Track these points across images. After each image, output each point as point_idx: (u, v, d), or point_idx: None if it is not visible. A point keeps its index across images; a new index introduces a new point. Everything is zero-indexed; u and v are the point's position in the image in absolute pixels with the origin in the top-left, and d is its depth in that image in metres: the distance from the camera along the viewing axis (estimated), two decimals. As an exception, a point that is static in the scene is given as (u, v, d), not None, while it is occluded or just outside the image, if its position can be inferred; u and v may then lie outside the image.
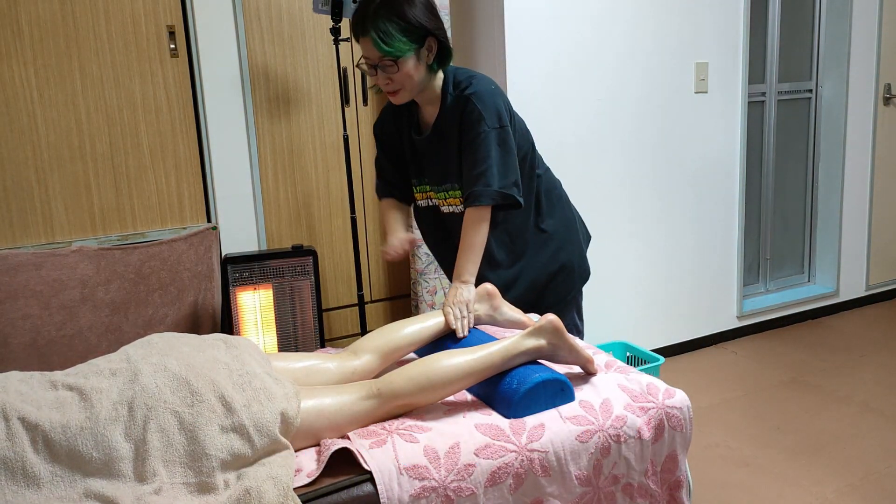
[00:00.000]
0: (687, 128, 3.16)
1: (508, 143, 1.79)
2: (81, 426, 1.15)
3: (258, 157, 2.73)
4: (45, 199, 2.43)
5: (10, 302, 1.93)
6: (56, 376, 1.25)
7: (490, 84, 1.82)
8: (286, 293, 2.48)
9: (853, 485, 2.18)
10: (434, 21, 1.75)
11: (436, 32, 1.75)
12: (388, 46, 1.69)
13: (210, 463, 1.18)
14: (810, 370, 3.05)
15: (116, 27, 2.45)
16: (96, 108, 2.46)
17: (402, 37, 1.70)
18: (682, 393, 1.49)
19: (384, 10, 1.70)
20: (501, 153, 1.77)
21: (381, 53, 1.70)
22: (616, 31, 2.92)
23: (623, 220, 3.08)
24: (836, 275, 3.72)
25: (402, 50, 1.70)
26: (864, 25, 3.53)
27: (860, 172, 3.69)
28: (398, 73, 1.73)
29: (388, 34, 1.69)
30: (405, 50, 1.71)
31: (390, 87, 1.77)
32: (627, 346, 2.99)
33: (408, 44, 1.71)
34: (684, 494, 1.49)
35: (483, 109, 1.76)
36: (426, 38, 1.74)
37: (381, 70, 1.74)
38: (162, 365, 1.26)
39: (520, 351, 1.47)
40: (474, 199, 1.77)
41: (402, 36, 1.70)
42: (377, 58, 1.72)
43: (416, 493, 1.21)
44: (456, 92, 1.82)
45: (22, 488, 1.10)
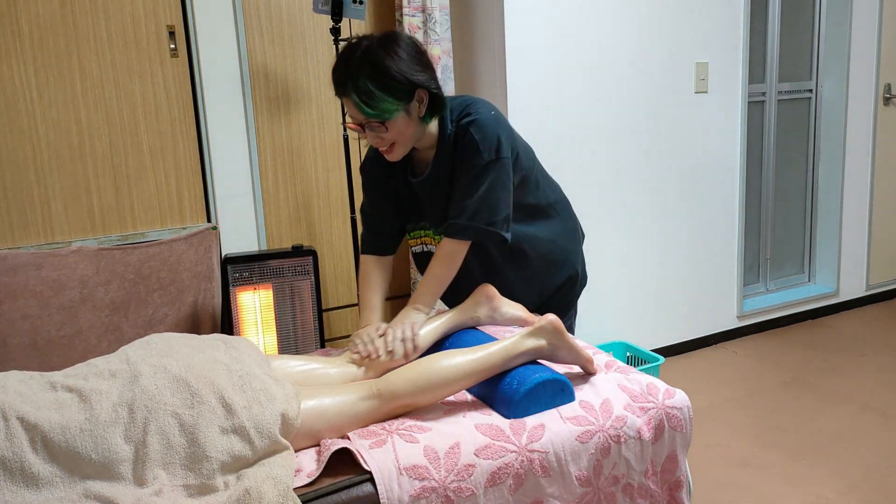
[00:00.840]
0: (687, 128, 3.15)
1: (502, 176, 1.67)
2: (81, 428, 1.15)
3: (258, 157, 2.73)
4: (44, 200, 2.43)
5: (10, 302, 1.93)
6: (55, 377, 1.25)
7: (490, 110, 1.70)
8: (286, 293, 2.48)
9: (853, 485, 2.18)
10: (423, 72, 1.59)
11: (426, 84, 1.59)
12: (372, 109, 1.54)
13: (210, 465, 1.18)
14: (810, 370, 3.05)
15: (116, 27, 2.45)
16: (96, 108, 2.46)
17: (388, 96, 1.54)
18: (682, 393, 1.49)
19: (365, 66, 1.53)
20: (493, 187, 1.66)
21: (365, 117, 1.57)
22: (616, 31, 2.92)
23: (623, 219, 3.08)
24: (836, 275, 3.72)
25: (389, 111, 1.55)
26: (864, 25, 3.53)
27: (860, 172, 3.69)
28: (388, 133, 1.60)
29: (371, 95, 1.53)
30: (392, 111, 1.56)
31: (381, 146, 1.64)
32: (627, 346, 2.99)
33: (394, 103, 1.55)
34: (684, 494, 1.49)
35: (481, 139, 1.64)
36: (415, 91, 1.58)
37: (370, 129, 1.60)
38: (162, 366, 1.25)
39: (520, 351, 1.47)
40: (454, 232, 1.68)
41: (388, 95, 1.54)
42: (363, 119, 1.58)
43: (416, 493, 1.21)
44: (454, 124, 1.69)
45: (21, 488, 1.10)
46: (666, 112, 3.09)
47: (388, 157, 1.67)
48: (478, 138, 1.65)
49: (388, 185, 1.83)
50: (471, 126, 1.66)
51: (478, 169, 1.66)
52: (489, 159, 1.65)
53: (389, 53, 1.55)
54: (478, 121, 1.66)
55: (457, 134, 1.69)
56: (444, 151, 1.71)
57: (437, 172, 1.74)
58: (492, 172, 1.66)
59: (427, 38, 2.72)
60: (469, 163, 1.66)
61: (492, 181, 1.66)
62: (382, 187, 1.84)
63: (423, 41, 2.73)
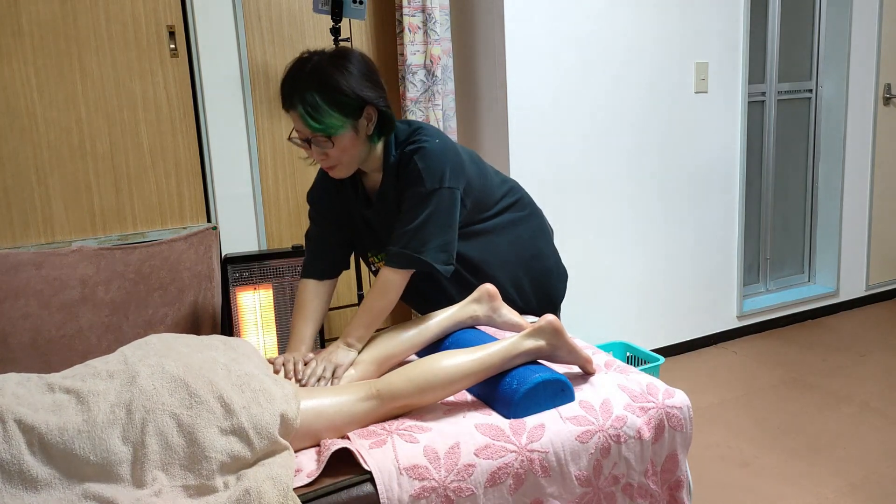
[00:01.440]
0: (687, 128, 3.15)
1: (444, 205, 1.63)
2: (79, 429, 1.14)
3: (258, 157, 2.73)
4: (45, 199, 2.43)
5: (10, 301, 1.93)
6: (53, 379, 1.25)
7: (435, 138, 1.66)
8: (286, 293, 2.48)
9: (853, 485, 2.18)
10: (373, 89, 1.57)
11: (375, 102, 1.57)
12: (318, 124, 1.52)
13: (210, 465, 1.18)
14: (810, 370, 3.05)
15: (116, 27, 2.45)
16: (96, 107, 2.46)
17: (335, 112, 1.52)
18: (682, 393, 1.49)
19: (313, 80, 1.51)
20: (432, 216, 1.62)
21: (311, 131, 1.54)
22: (616, 31, 2.92)
23: (623, 219, 3.08)
24: (836, 275, 3.72)
25: (336, 126, 1.53)
26: (864, 25, 3.53)
27: (860, 172, 3.69)
28: (334, 149, 1.57)
29: (318, 109, 1.51)
30: (338, 126, 1.54)
31: (326, 163, 1.60)
32: (627, 346, 2.99)
33: (341, 119, 1.54)
34: (684, 494, 1.49)
35: (424, 168, 1.61)
36: (364, 108, 1.56)
37: (315, 145, 1.57)
38: (160, 366, 1.25)
39: (519, 351, 1.47)
40: (390, 260, 1.64)
41: (335, 111, 1.52)
42: (309, 133, 1.55)
43: (416, 493, 1.21)
44: (399, 150, 1.67)
45: (20, 491, 1.10)
46: (666, 112, 3.09)
47: (332, 174, 1.64)
48: (421, 167, 1.62)
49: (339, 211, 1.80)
50: (415, 154, 1.63)
51: (419, 197, 1.63)
52: (432, 188, 1.62)
53: (339, 69, 1.53)
54: (423, 149, 1.63)
55: (401, 161, 1.66)
56: (389, 178, 1.69)
57: (384, 200, 1.72)
58: (433, 202, 1.62)
59: (427, 38, 2.72)
60: (411, 191, 1.64)
61: (431, 211, 1.62)
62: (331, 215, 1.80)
63: (423, 41, 2.73)
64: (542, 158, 2.85)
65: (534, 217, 1.98)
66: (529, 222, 1.96)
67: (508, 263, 1.91)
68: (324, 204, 1.81)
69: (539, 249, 1.97)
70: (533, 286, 1.98)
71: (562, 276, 2.05)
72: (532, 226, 1.96)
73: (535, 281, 1.98)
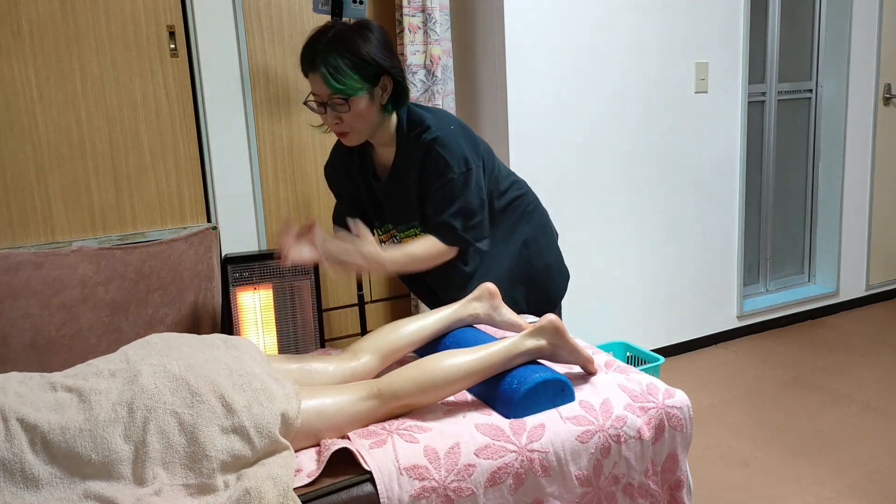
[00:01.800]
0: (687, 128, 3.16)
1: (472, 184, 1.73)
2: (80, 428, 1.15)
3: (258, 157, 2.73)
4: (45, 199, 2.43)
5: (10, 301, 1.93)
6: (55, 378, 1.25)
7: (450, 124, 1.74)
8: (286, 293, 2.48)
9: (853, 485, 2.18)
10: (390, 59, 1.65)
11: (392, 71, 1.65)
12: (338, 84, 1.58)
13: (210, 464, 1.18)
14: (810, 370, 3.05)
15: (116, 27, 2.45)
16: (96, 107, 2.46)
17: (355, 74, 1.59)
18: (682, 393, 1.49)
19: (336, 44, 1.59)
20: (466, 197, 1.73)
21: (331, 91, 1.59)
22: (616, 30, 2.92)
23: (623, 219, 3.08)
24: (836, 275, 3.72)
25: (355, 88, 1.60)
26: (864, 25, 3.53)
27: (860, 172, 3.69)
28: (349, 114, 1.63)
29: (339, 70, 1.58)
30: (357, 88, 1.60)
31: (340, 128, 1.67)
32: (627, 346, 2.99)
33: (360, 82, 1.60)
34: (685, 494, 1.49)
35: (449, 156, 1.69)
36: (381, 76, 1.64)
37: (331, 108, 1.63)
38: (161, 365, 1.25)
39: (520, 351, 1.47)
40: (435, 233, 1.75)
41: (355, 73, 1.59)
42: (326, 95, 1.61)
43: (416, 493, 1.21)
44: (412, 134, 1.73)
45: (21, 490, 1.10)
46: (666, 112, 3.09)
47: (345, 141, 1.70)
48: (445, 155, 1.70)
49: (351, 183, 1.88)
50: (435, 144, 1.70)
51: (450, 183, 1.72)
52: (460, 171, 1.71)
53: (360, 35, 1.60)
54: (440, 138, 1.71)
55: (416, 147, 1.72)
56: (401, 158, 1.75)
57: (395, 177, 1.78)
58: (462, 183, 1.72)
59: (427, 38, 2.72)
60: (440, 181, 1.72)
61: (464, 191, 1.72)
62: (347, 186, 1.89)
63: (423, 41, 2.73)
64: (542, 158, 2.85)
65: (538, 214, 2.01)
66: (533, 220, 1.99)
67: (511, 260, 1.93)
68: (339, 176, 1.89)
69: (541, 248, 1.99)
70: (534, 284, 1.99)
71: (564, 275, 2.06)
72: (536, 223, 1.99)
73: (536, 279, 1.99)
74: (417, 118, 1.75)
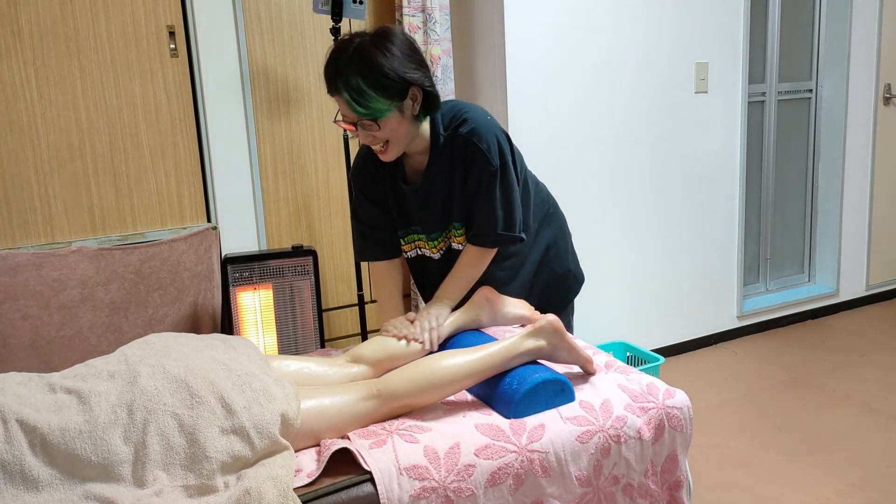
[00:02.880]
0: (687, 128, 3.15)
1: (509, 180, 1.69)
2: (80, 429, 1.14)
3: (258, 157, 2.73)
4: (45, 199, 2.43)
5: (10, 302, 1.93)
6: (54, 379, 1.25)
7: (485, 116, 1.69)
8: (286, 293, 2.47)
9: (853, 485, 2.18)
10: (417, 69, 1.55)
11: (420, 82, 1.55)
12: (363, 108, 1.51)
13: (210, 465, 1.18)
14: (810, 370, 3.05)
15: (116, 27, 2.45)
16: (96, 108, 2.46)
17: (380, 95, 1.50)
18: (682, 393, 1.49)
19: (357, 63, 1.49)
20: (504, 193, 1.69)
21: (357, 115, 1.53)
22: (616, 30, 2.92)
23: (623, 219, 3.08)
24: (836, 275, 3.72)
25: (381, 110, 1.52)
26: (864, 25, 3.53)
27: (860, 172, 3.69)
28: (381, 131, 1.56)
29: (362, 94, 1.49)
30: (384, 109, 1.52)
31: (376, 145, 1.61)
32: (627, 346, 2.99)
33: (386, 102, 1.52)
34: (684, 494, 1.49)
35: (486, 149, 1.64)
36: (409, 88, 1.55)
37: (362, 128, 1.57)
38: (161, 366, 1.25)
39: (520, 351, 1.47)
40: (478, 241, 1.72)
41: (380, 94, 1.50)
42: (355, 118, 1.54)
43: (416, 493, 1.21)
44: (448, 131, 1.67)
45: (21, 491, 1.10)
46: (666, 112, 3.09)
47: (383, 158, 1.64)
48: (483, 147, 1.64)
49: (380, 189, 1.81)
50: (472, 136, 1.64)
51: (490, 178, 1.67)
52: (496, 165, 1.66)
53: (381, 51, 1.51)
54: (477, 129, 1.64)
55: (454, 143, 1.67)
56: (437, 159, 1.69)
57: (430, 180, 1.72)
58: (502, 178, 1.68)
59: (427, 38, 2.72)
60: (480, 173, 1.66)
61: (503, 187, 1.68)
62: (376, 192, 1.81)
63: (423, 41, 2.73)
64: (543, 158, 2.85)
65: (558, 216, 1.99)
66: (554, 222, 1.97)
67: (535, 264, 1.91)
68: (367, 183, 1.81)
69: (560, 252, 1.97)
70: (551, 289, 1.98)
71: (579, 279, 2.04)
72: (556, 226, 1.97)
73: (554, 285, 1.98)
74: (452, 113, 1.69)
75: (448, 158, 1.69)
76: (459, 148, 1.67)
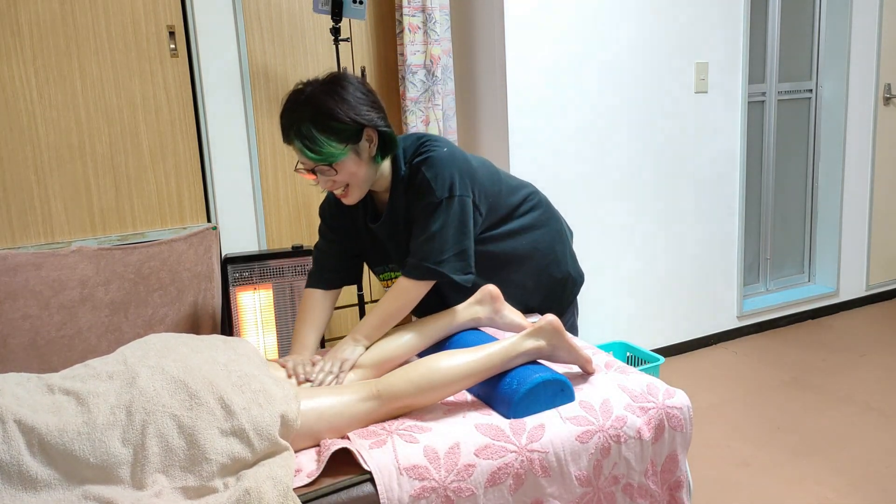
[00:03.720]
0: (687, 128, 3.15)
1: (456, 214, 1.63)
2: (78, 431, 1.14)
3: (258, 157, 2.73)
4: (44, 199, 2.43)
5: (10, 302, 1.93)
6: (53, 379, 1.24)
7: (443, 147, 1.66)
8: (286, 293, 2.47)
9: (853, 485, 2.18)
10: (370, 111, 1.57)
11: (373, 123, 1.57)
12: (316, 154, 1.52)
13: (210, 467, 1.17)
14: (810, 370, 3.05)
15: (116, 27, 2.45)
16: (96, 108, 2.46)
17: (332, 140, 1.52)
18: (682, 393, 1.49)
19: (307, 111, 1.52)
20: (445, 226, 1.62)
21: (311, 161, 1.54)
22: (616, 30, 2.92)
23: (623, 219, 3.08)
24: (836, 275, 3.72)
25: (335, 154, 1.53)
26: (864, 25, 3.53)
27: (860, 172, 3.69)
28: (339, 175, 1.57)
29: (314, 140, 1.51)
30: (337, 154, 1.53)
31: (336, 189, 1.62)
32: (627, 346, 2.99)
33: (339, 146, 1.53)
34: (684, 494, 1.49)
35: (433, 178, 1.62)
36: (363, 131, 1.56)
37: (321, 174, 1.58)
38: (160, 367, 1.25)
39: (520, 352, 1.47)
40: (405, 270, 1.67)
41: (332, 139, 1.52)
42: (311, 164, 1.55)
43: (416, 493, 1.21)
44: (408, 164, 1.67)
45: (19, 492, 1.10)
46: (666, 112, 3.09)
47: (345, 201, 1.65)
48: (429, 177, 1.62)
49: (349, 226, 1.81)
50: (423, 165, 1.64)
51: (431, 207, 1.63)
52: (442, 197, 1.62)
53: (332, 96, 1.53)
54: (430, 159, 1.64)
55: (410, 174, 1.67)
56: (398, 193, 1.69)
57: (393, 215, 1.71)
58: (445, 211, 1.63)
59: (427, 38, 2.72)
60: (423, 202, 1.64)
61: (444, 220, 1.63)
62: (342, 229, 1.81)
63: (423, 41, 2.73)
64: (542, 158, 2.85)
65: (553, 221, 1.97)
66: (548, 226, 1.94)
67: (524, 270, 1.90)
68: (334, 220, 1.82)
69: (556, 256, 1.96)
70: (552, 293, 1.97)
71: (578, 281, 2.03)
72: (551, 231, 1.95)
73: (554, 289, 1.97)
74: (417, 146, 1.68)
75: (405, 190, 1.69)
76: (412, 178, 1.66)
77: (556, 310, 1.98)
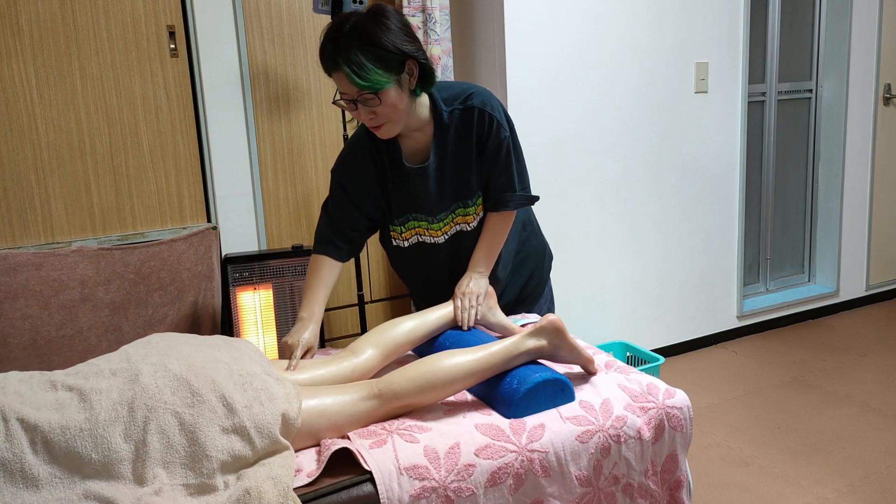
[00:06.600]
0: (687, 128, 3.15)
1: (518, 145, 1.80)
2: (81, 427, 1.15)
3: (258, 157, 2.73)
4: (45, 199, 2.43)
5: (10, 302, 1.93)
6: (55, 376, 1.25)
7: (487, 89, 1.76)
8: (286, 293, 2.47)
9: (853, 485, 2.18)
10: (412, 43, 1.58)
11: (416, 55, 1.58)
12: (364, 81, 1.52)
13: (210, 464, 1.18)
14: (810, 370, 3.05)
15: (116, 27, 2.45)
16: (96, 108, 2.46)
17: (379, 67, 1.53)
18: (683, 393, 1.49)
19: (355, 38, 1.52)
20: (518, 157, 1.79)
21: (358, 88, 1.53)
22: (616, 30, 2.92)
23: (623, 219, 3.08)
24: (836, 275, 3.72)
25: (381, 82, 1.53)
26: (864, 25, 3.53)
27: (860, 172, 3.69)
28: (381, 106, 1.57)
29: (362, 66, 1.51)
30: (384, 81, 1.54)
31: (374, 122, 1.61)
32: (627, 346, 2.99)
33: (386, 74, 1.54)
34: (684, 494, 1.49)
35: (499, 117, 1.71)
36: (405, 62, 1.57)
37: (363, 105, 1.57)
38: (162, 365, 1.25)
39: (521, 351, 1.47)
40: (503, 205, 1.78)
41: (380, 66, 1.53)
42: (355, 93, 1.55)
43: (416, 493, 1.21)
44: (452, 107, 1.70)
45: (21, 490, 1.10)
46: (666, 112, 3.09)
47: (380, 134, 1.64)
48: (497, 117, 1.71)
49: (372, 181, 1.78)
50: (485, 107, 1.71)
51: (504, 144, 1.74)
52: (508, 132, 1.75)
53: (378, 25, 1.54)
54: (487, 101, 1.72)
55: (464, 116, 1.71)
56: (443, 135, 1.72)
57: (442, 156, 1.73)
58: (512, 144, 1.77)
59: (427, 38, 2.72)
60: (496, 142, 1.73)
61: (515, 151, 1.78)
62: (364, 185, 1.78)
63: (423, 41, 2.73)
64: (542, 158, 2.86)
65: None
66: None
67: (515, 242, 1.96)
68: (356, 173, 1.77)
69: (535, 229, 2.04)
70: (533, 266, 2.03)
71: (550, 254, 2.12)
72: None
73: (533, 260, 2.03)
74: (455, 90, 1.73)
75: (456, 133, 1.72)
76: (470, 120, 1.71)
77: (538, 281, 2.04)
